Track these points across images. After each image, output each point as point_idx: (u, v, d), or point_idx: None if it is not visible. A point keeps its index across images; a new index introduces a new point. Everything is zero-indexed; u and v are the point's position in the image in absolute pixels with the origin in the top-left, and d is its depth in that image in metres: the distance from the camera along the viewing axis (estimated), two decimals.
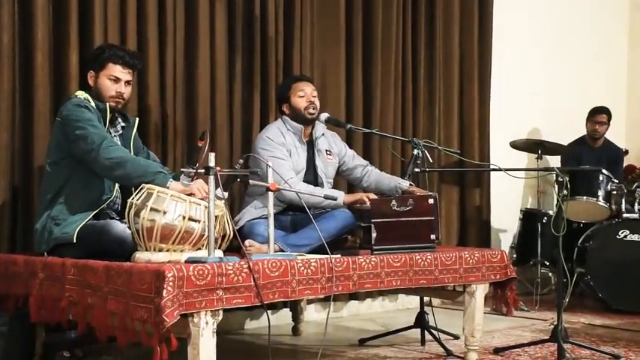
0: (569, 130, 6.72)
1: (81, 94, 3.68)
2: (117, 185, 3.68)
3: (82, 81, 4.07)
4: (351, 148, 4.81)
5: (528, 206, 6.82)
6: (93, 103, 3.64)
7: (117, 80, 3.70)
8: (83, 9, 4.24)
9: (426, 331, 4.42)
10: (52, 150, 3.68)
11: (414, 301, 5.78)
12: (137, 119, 3.93)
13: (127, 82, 3.75)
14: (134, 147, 3.83)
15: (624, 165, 6.98)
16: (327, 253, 3.38)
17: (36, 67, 4.06)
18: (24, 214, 4.01)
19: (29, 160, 4.05)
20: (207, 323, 2.91)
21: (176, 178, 3.50)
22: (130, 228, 3.33)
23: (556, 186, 4.79)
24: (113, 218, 3.62)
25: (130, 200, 3.33)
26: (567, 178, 4.04)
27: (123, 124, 3.84)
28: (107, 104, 3.68)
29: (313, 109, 4.32)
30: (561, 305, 4.02)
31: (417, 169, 4.21)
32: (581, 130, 6.66)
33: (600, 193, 5.69)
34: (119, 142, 3.76)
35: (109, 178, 3.58)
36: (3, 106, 3.96)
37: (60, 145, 3.62)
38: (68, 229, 3.49)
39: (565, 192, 3.97)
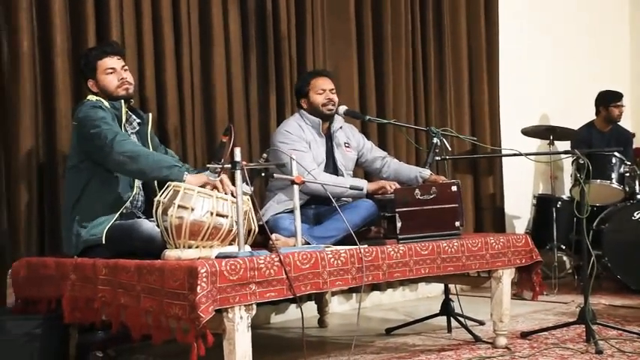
0: (576, 114, 6.72)
1: (92, 97, 3.67)
2: (137, 183, 3.65)
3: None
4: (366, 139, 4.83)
5: (541, 192, 6.85)
6: (107, 104, 3.64)
7: (113, 70, 3.71)
8: (100, 13, 4.23)
9: (452, 318, 4.41)
10: (71, 154, 3.68)
11: (433, 289, 5.82)
12: (150, 115, 3.90)
13: (123, 68, 3.75)
14: (152, 144, 3.82)
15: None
16: (353, 244, 3.35)
17: (57, 73, 4.04)
18: (51, 217, 4.00)
19: (53, 165, 4.04)
20: (241, 318, 2.88)
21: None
22: (158, 226, 3.29)
23: (573, 170, 4.77)
24: (139, 217, 3.60)
25: (156, 198, 3.28)
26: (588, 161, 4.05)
27: (138, 120, 3.82)
28: (121, 102, 3.67)
29: (332, 105, 4.33)
30: (588, 287, 4.00)
31: (437, 158, 4.22)
32: (588, 114, 6.63)
33: (614, 175, 5.72)
34: (136, 140, 3.73)
35: (124, 173, 3.54)
36: (26, 113, 3.93)
37: (78, 148, 3.61)
38: (96, 231, 3.48)
39: (583, 175, 3.99)
